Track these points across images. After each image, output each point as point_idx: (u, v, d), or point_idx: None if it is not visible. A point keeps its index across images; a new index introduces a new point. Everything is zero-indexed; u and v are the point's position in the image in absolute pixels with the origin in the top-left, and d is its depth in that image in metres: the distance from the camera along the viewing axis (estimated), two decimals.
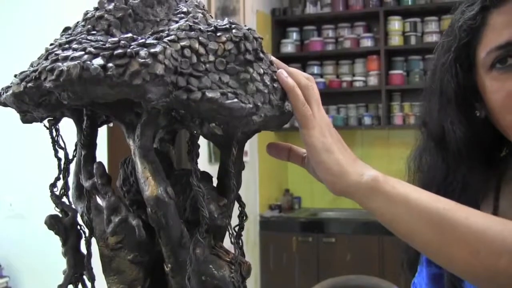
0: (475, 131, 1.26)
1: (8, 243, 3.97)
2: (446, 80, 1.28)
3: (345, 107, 6.50)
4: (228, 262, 0.96)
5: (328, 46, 6.52)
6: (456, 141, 1.27)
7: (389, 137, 6.34)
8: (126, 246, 0.99)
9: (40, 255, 3.72)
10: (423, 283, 1.44)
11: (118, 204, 0.97)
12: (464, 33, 1.25)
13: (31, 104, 0.91)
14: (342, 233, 5.95)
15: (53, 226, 1.03)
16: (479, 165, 1.29)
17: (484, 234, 0.99)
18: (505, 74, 1.18)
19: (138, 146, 0.90)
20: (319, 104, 1.03)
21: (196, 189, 0.91)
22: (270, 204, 6.47)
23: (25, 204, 3.83)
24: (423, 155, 1.39)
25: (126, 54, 0.82)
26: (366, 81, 6.36)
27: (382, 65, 6.21)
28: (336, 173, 1.02)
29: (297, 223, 6.22)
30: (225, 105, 0.85)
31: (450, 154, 1.30)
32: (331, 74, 6.52)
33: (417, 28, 6.22)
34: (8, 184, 3.93)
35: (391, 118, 6.26)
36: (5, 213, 3.95)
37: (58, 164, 1.06)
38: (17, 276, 3.95)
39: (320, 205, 6.55)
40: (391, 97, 6.34)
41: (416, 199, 1.02)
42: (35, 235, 3.74)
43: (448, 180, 1.31)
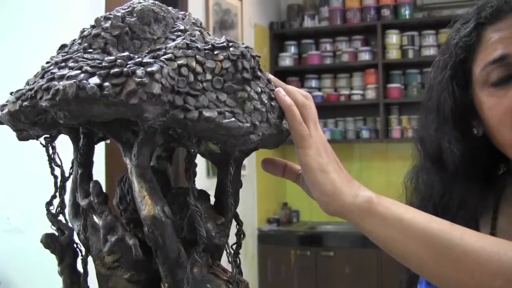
0: (472, 149, 1.26)
1: (6, 257, 3.95)
2: (443, 98, 1.28)
3: (343, 121, 6.50)
4: (225, 281, 0.95)
5: (326, 59, 6.52)
6: (453, 160, 1.27)
7: (387, 151, 6.33)
8: (123, 265, 0.98)
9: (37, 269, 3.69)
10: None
11: (114, 224, 0.96)
12: (460, 50, 1.25)
13: (27, 123, 0.91)
14: (341, 247, 5.93)
15: (49, 245, 1.03)
16: (476, 184, 1.29)
17: (479, 255, 0.98)
18: (501, 90, 1.19)
19: (135, 165, 0.89)
20: (316, 123, 1.02)
21: (194, 208, 0.90)
22: (268, 218, 6.45)
23: (23, 218, 3.82)
24: (420, 174, 1.39)
25: (122, 73, 0.81)
26: (364, 95, 6.36)
27: (380, 79, 6.22)
28: (330, 193, 1.01)
29: (295, 236, 6.20)
30: (222, 124, 0.85)
31: (447, 173, 1.29)
32: (329, 87, 6.52)
33: (415, 42, 6.22)
34: (6, 198, 3.92)
35: (389, 131, 6.26)
36: (2, 227, 3.93)
37: (55, 182, 1.05)
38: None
39: (318, 219, 6.54)
40: (389, 110, 6.35)
41: (410, 220, 1.01)
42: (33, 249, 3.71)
43: (444, 199, 1.31)
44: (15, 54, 3.80)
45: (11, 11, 3.87)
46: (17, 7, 3.86)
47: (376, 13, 6.36)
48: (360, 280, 5.44)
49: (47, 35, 3.56)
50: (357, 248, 5.82)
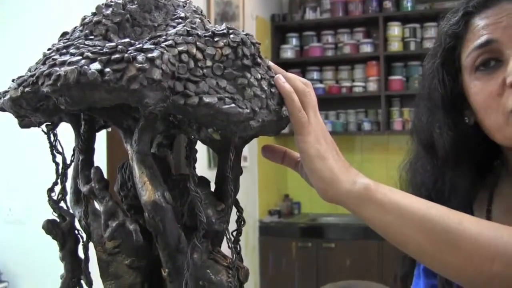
0: (463, 136, 1.27)
1: (7, 248, 3.96)
2: (433, 85, 1.29)
3: (345, 113, 6.49)
4: (225, 267, 0.96)
5: (327, 51, 6.51)
6: (444, 146, 1.28)
7: (388, 143, 6.33)
8: (124, 251, 0.99)
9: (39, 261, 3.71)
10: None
11: (115, 209, 0.96)
12: (449, 38, 1.27)
13: (28, 109, 0.91)
14: (342, 239, 5.94)
15: (51, 231, 1.03)
16: (467, 170, 1.30)
17: (477, 240, 0.99)
18: (487, 75, 1.20)
19: (135, 151, 0.90)
20: (316, 111, 1.02)
21: (194, 194, 0.91)
22: (270, 210, 6.46)
23: (24, 209, 3.82)
24: (414, 162, 1.39)
25: (123, 59, 0.82)
26: (365, 87, 6.35)
27: (381, 71, 6.21)
28: (328, 181, 1.01)
29: (296, 228, 6.21)
30: (222, 110, 0.85)
31: (439, 159, 1.30)
32: (330, 79, 6.52)
33: (417, 34, 6.22)
34: (7, 189, 3.92)
35: (391, 123, 6.26)
36: (4, 218, 3.94)
37: (56, 169, 1.06)
38: (16, 281, 3.94)
39: (319, 211, 6.54)
40: (391, 102, 6.34)
41: (408, 206, 1.02)
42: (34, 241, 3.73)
43: (437, 185, 1.32)
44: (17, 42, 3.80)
45: (13, 1, 3.87)
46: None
47: (378, 5, 6.35)
48: (361, 271, 5.44)
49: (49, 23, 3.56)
50: (358, 240, 5.83)
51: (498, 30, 1.19)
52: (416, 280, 1.45)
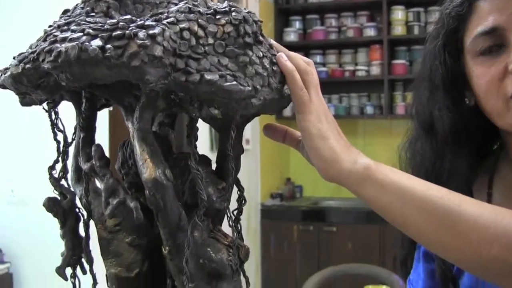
0: (463, 118, 1.27)
1: (10, 229, 3.98)
2: (434, 66, 1.29)
3: (347, 97, 6.49)
4: (226, 245, 0.96)
5: (331, 35, 6.50)
6: (444, 127, 1.27)
7: (391, 127, 6.33)
8: (124, 229, 0.99)
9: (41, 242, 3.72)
10: (419, 279, 1.44)
11: (116, 187, 0.96)
12: (452, 20, 1.26)
13: (29, 86, 0.91)
14: (343, 222, 5.95)
15: (52, 208, 1.03)
16: (465, 151, 1.29)
17: (476, 222, 0.99)
18: (489, 59, 1.20)
19: (136, 128, 0.90)
20: (318, 90, 1.02)
21: (195, 172, 0.90)
22: (272, 193, 6.47)
23: (27, 190, 3.83)
24: (413, 143, 1.39)
25: (124, 35, 0.82)
26: (368, 71, 6.34)
27: (385, 55, 6.20)
28: (329, 160, 1.01)
29: (298, 212, 6.22)
30: (223, 87, 0.85)
31: (438, 140, 1.30)
32: (333, 63, 6.50)
33: (420, 18, 6.20)
34: (9, 170, 3.93)
35: (394, 108, 6.25)
36: (6, 199, 3.95)
37: (57, 147, 1.06)
38: (18, 262, 3.96)
39: (321, 194, 6.55)
40: (394, 86, 6.33)
41: (409, 187, 1.01)
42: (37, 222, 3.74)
43: (436, 167, 1.32)
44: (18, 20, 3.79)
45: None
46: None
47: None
48: (362, 255, 5.46)
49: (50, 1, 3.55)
50: (360, 224, 5.84)
51: (504, 16, 1.18)
52: (416, 263, 1.45)
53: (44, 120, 1.05)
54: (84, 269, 1.08)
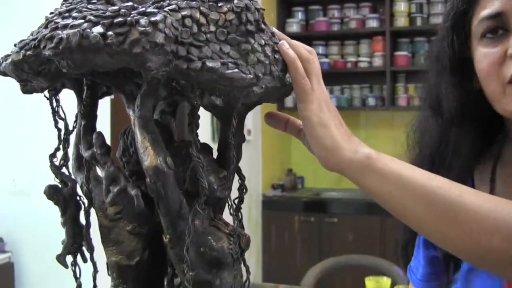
0: (467, 99, 1.27)
1: (11, 219, 3.98)
2: (442, 48, 1.29)
3: (349, 88, 6.48)
4: (227, 234, 0.96)
5: (333, 26, 6.48)
6: (449, 107, 1.27)
7: (393, 119, 6.32)
8: (125, 217, 0.99)
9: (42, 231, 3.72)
10: (420, 266, 1.44)
11: (117, 174, 0.96)
12: (461, 2, 1.26)
13: (30, 73, 0.91)
14: (344, 214, 5.95)
15: (52, 196, 1.03)
16: (470, 132, 1.29)
17: (476, 212, 0.99)
18: (492, 43, 1.19)
19: (138, 116, 0.89)
20: (319, 78, 1.02)
21: (196, 160, 0.90)
22: (273, 184, 6.47)
23: (28, 180, 3.83)
24: (421, 123, 1.39)
25: (126, 22, 0.81)
26: (371, 62, 6.33)
27: (387, 46, 6.18)
28: (330, 148, 1.01)
29: (299, 202, 6.22)
30: (225, 75, 0.85)
31: (444, 118, 1.30)
32: (336, 54, 6.49)
33: (423, 10, 6.18)
34: (11, 160, 3.93)
35: (396, 99, 6.24)
36: (8, 189, 3.95)
37: (58, 135, 1.06)
38: (20, 251, 3.97)
39: (322, 185, 6.55)
40: (396, 78, 6.32)
41: (409, 177, 1.01)
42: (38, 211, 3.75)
43: (441, 146, 1.32)
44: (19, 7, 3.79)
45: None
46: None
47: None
48: (363, 247, 5.46)
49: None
50: (361, 215, 5.85)
51: (510, 1, 1.18)
52: (417, 250, 1.45)
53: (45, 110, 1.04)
54: (85, 257, 1.08)
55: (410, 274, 1.49)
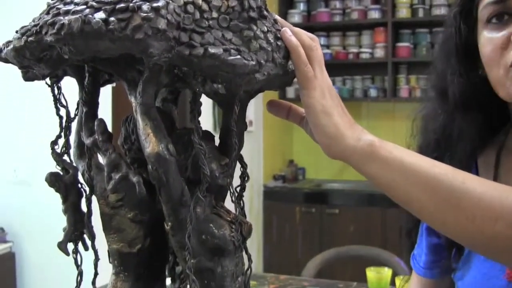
0: (473, 86, 1.26)
1: (12, 209, 3.98)
2: (449, 33, 1.28)
3: (351, 79, 6.46)
4: (228, 221, 0.96)
5: (335, 17, 6.47)
6: (456, 93, 1.27)
7: (394, 110, 6.32)
8: (127, 204, 0.99)
9: (43, 221, 3.72)
10: (423, 254, 1.45)
11: (118, 161, 0.96)
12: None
13: (32, 59, 0.91)
14: (346, 205, 5.95)
15: (54, 183, 1.03)
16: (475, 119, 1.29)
17: (480, 199, 0.98)
18: (497, 28, 1.19)
19: (139, 103, 0.89)
20: (322, 66, 1.01)
21: (198, 147, 0.90)
22: (274, 175, 6.47)
23: (29, 170, 3.83)
24: (428, 108, 1.39)
25: (128, 8, 0.81)
26: (372, 53, 6.31)
27: (389, 37, 6.17)
28: (333, 136, 1.00)
29: (300, 194, 6.22)
30: (227, 61, 0.84)
31: (450, 104, 1.29)
32: (337, 45, 6.48)
33: (425, 1, 6.16)
34: (12, 150, 3.93)
35: (397, 90, 6.23)
36: (9, 179, 3.95)
37: (60, 122, 1.06)
38: (21, 241, 3.97)
39: (324, 177, 6.56)
40: (398, 69, 6.31)
41: (413, 164, 1.01)
42: (39, 202, 3.75)
43: (446, 131, 1.31)
44: None
45: None
46: None
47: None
48: (364, 237, 5.46)
49: None
50: (362, 207, 5.85)
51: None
52: (420, 238, 1.45)
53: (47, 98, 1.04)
54: (86, 245, 1.08)
55: (413, 262, 1.49)
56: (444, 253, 1.38)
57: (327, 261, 3.60)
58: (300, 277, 3.14)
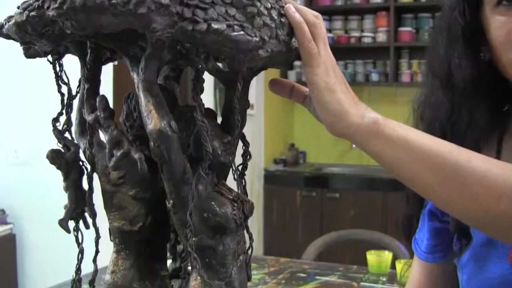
0: (480, 71, 1.25)
1: (13, 190, 3.97)
2: (454, 17, 1.26)
3: (353, 63, 6.45)
4: (230, 199, 0.95)
5: (337, 1, 6.44)
6: (463, 79, 1.25)
7: (396, 95, 6.31)
8: (128, 182, 0.98)
9: (44, 203, 3.72)
10: (424, 238, 1.44)
11: (120, 138, 0.96)
12: None
13: (33, 35, 0.90)
14: (346, 189, 5.95)
15: (55, 160, 1.03)
16: (484, 103, 1.27)
17: (484, 177, 0.97)
18: (510, 11, 1.17)
19: (142, 79, 0.88)
20: (326, 43, 1.00)
21: (200, 124, 0.89)
22: (275, 158, 6.47)
23: (30, 151, 3.83)
24: (428, 96, 1.37)
25: None
26: (374, 37, 6.30)
27: (391, 22, 6.15)
28: (337, 114, 0.99)
29: (301, 177, 6.22)
30: (231, 37, 0.83)
31: (456, 92, 1.28)
32: (339, 29, 6.46)
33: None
34: (13, 131, 3.93)
35: (399, 75, 6.22)
36: (10, 160, 3.94)
37: (61, 100, 1.05)
38: (21, 223, 3.97)
39: (325, 161, 6.56)
40: (400, 54, 6.29)
41: (417, 142, 1.00)
42: (40, 183, 3.75)
43: (452, 119, 1.30)
44: None
45: None
46: None
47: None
48: (365, 222, 5.46)
49: None
50: (363, 191, 5.85)
51: None
52: (422, 222, 1.45)
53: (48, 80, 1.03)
54: (87, 223, 1.07)
55: (415, 246, 1.48)
56: (446, 237, 1.38)
57: (327, 244, 3.61)
58: (301, 260, 3.15)
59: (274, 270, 2.79)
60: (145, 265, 1.02)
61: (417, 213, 1.44)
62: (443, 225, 1.38)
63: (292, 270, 2.79)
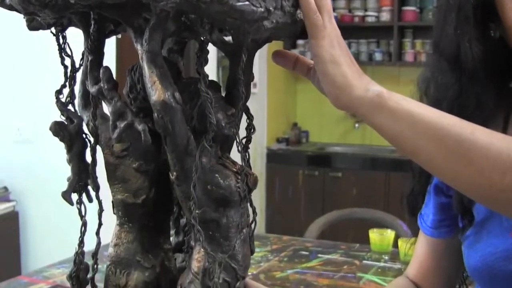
0: (491, 50, 1.23)
1: (16, 168, 3.98)
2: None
3: (356, 42, 6.43)
4: (234, 172, 0.95)
5: None
6: (473, 59, 1.24)
7: (399, 75, 6.29)
8: (132, 154, 0.98)
9: (47, 180, 3.73)
10: (430, 213, 1.44)
11: (124, 110, 0.95)
12: None
13: (37, 5, 0.89)
14: (349, 168, 5.96)
15: (58, 132, 1.02)
16: (493, 84, 1.26)
17: (489, 150, 0.97)
18: None
19: (146, 50, 0.88)
20: (331, 15, 1.00)
21: (204, 95, 0.89)
22: (278, 137, 6.47)
23: (33, 129, 3.83)
24: (434, 74, 1.35)
25: None
26: (378, 17, 6.28)
27: (395, 1, 6.13)
28: (341, 86, 0.99)
29: (304, 156, 6.23)
30: (236, 7, 0.83)
31: (465, 72, 1.27)
32: (343, 8, 6.44)
33: None
34: (16, 109, 3.92)
35: (403, 55, 6.21)
36: (13, 138, 3.94)
37: (65, 72, 1.05)
38: (24, 200, 3.98)
39: (327, 140, 6.56)
40: (403, 33, 6.27)
41: (421, 115, 0.99)
42: (43, 160, 3.75)
43: (461, 99, 1.28)
44: None
45: None
46: None
47: None
48: (367, 201, 5.46)
49: None
50: (365, 170, 5.86)
51: None
52: (428, 197, 1.44)
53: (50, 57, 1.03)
54: (90, 196, 1.07)
55: (420, 222, 1.48)
56: (451, 212, 1.37)
57: (329, 223, 3.61)
58: (303, 238, 3.15)
59: (277, 248, 2.80)
60: (148, 238, 1.02)
61: (424, 189, 1.44)
62: (449, 200, 1.37)
63: (294, 247, 2.80)
